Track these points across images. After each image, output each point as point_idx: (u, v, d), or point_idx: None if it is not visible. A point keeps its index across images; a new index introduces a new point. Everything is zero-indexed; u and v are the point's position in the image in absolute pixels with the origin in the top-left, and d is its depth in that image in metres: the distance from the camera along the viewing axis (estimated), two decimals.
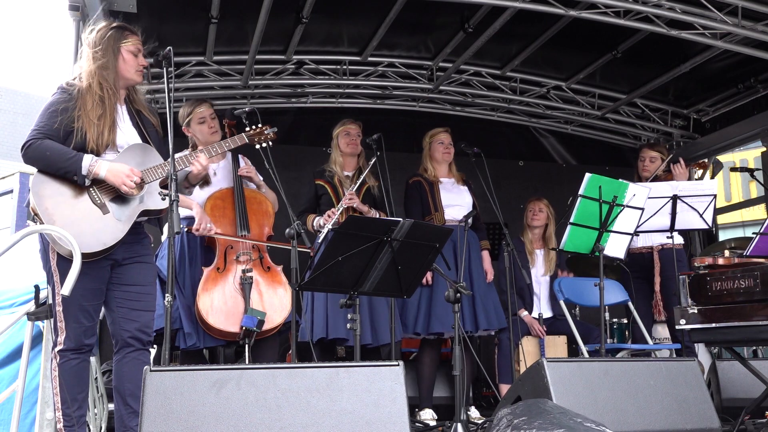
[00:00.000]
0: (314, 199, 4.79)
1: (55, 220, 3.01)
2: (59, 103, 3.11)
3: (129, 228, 3.16)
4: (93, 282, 3.09)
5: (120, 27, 3.28)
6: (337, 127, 4.86)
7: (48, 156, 3.04)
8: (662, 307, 5.12)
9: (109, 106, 3.15)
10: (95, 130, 3.10)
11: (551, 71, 6.76)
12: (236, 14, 5.44)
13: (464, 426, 3.40)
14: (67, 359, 3.10)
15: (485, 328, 4.81)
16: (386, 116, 6.90)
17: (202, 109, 4.25)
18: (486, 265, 4.96)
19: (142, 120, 3.33)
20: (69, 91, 3.14)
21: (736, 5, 5.10)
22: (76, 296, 2.95)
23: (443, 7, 5.43)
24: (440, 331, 4.70)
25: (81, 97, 3.12)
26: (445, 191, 4.95)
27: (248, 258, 4.09)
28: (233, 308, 3.95)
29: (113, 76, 3.19)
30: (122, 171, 3.09)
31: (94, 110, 3.11)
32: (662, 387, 3.32)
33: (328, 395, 2.65)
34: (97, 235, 3.03)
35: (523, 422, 2.65)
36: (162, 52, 3.24)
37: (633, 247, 5.28)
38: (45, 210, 3.03)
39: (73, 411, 3.09)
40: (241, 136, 3.73)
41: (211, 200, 4.16)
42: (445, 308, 4.68)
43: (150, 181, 3.20)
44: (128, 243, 3.20)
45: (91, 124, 3.10)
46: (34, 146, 3.05)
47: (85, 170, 3.04)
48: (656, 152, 5.45)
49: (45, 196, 3.05)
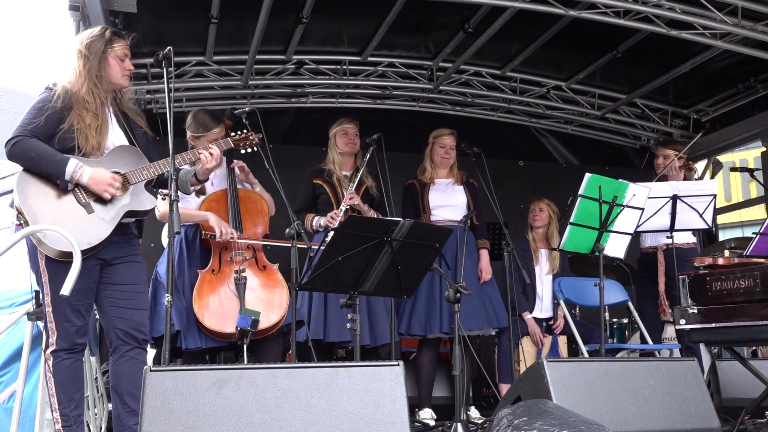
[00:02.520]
0: (311, 198, 4.78)
1: (39, 219, 3.01)
2: (46, 101, 3.12)
3: (114, 228, 3.15)
4: (82, 281, 3.04)
5: (109, 32, 3.28)
6: (334, 127, 4.84)
7: (32, 157, 3.05)
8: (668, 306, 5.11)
9: (99, 110, 3.18)
10: (84, 133, 3.12)
11: (551, 71, 6.76)
12: (236, 14, 5.44)
13: (464, 426, 3.40)
14: (61, 359, 3.10)
15: (468, 329, 4.73)
16: (386, 116, 6.91)
17: (217, 131, 4.18)
18: (482, 264, 4.93)
19: (128, 122, 3.34)
20: (56, 91, 3.15)
21: (736, 5, 5.10)
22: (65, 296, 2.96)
23: (443, 7, 5.43)
24: (421, 334, 4.70)
25: (70, 100, 3.13)
26: (436, 192, 4.94)
27: (242, 258, 4.08)
28: (228, 309, 3.94)
29: (102, 81, 3.21)
30: (104, 179, 3.09)
31: (84, 113, 3.13)
32: (662, 387, 3.32)
33: (328, 395, 2.65)
34: (81, 234, 3.00)
35: (524, 422, 2.65)
36: (162, 52, 3.25)
37: (642, 246, 5.29)
38: (29, 208, 3.03)
39: (71, 411, 3.09)
40: (226, 141, 3.75)
41: (205, 203, 4.16)
42: (425, 310, 4.68)
43: (135, 182, 3.21)
44: (117, 243, 3.21)
45: (80, 127, 3.11)
46: (19, 144, 3.05)
47: (68, 176, 3.05)
48: (670, 150, 5.35)
49: (29, 194, 3.05)
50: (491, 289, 4.93)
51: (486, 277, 4.90)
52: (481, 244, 4.98)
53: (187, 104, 6.30)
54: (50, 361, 3.10)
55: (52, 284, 3.08)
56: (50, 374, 3.10)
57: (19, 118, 3.17)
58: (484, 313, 4.79)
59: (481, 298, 4.82)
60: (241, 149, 3.80)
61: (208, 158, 3.42)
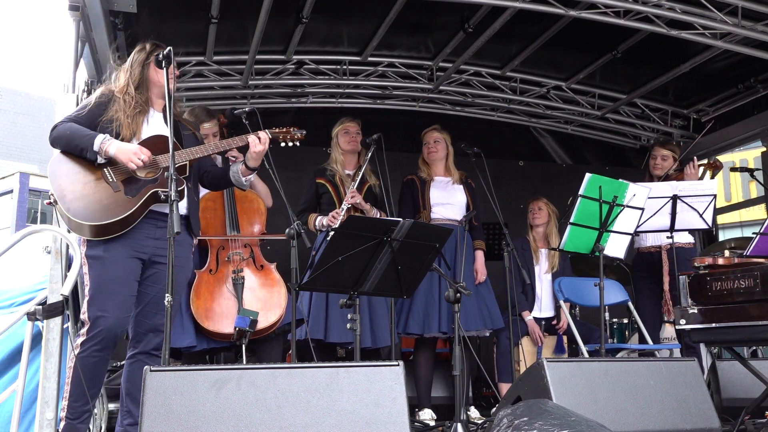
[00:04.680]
0: (314, 197, 4.79)
1: (65, 195, 3.15)
2: (90, 100, 3.35)
3: (140, 207, 3.20)
4: (119, 271, 3.15)
5: (150, 43, 3.48)
6: (337, 126, 4.87)
7: (68, 135, 3.22)
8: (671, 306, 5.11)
9: (139, 105, 3.35)
10: (122, 122, 3.29)
11: (551, 71, 6.76)
12: (236, 14, 5.44)
13: (464, 426, 3.40)
14: (89, 354, 3.12)
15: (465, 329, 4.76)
16: (386, 116, 6.90)
17: (208, 125, 4.22)
18: (477, 265, 4.93)
19: (177, 125, 3.45)
20: (100, 90, 3.39)
21: (736, 5, 5.10)
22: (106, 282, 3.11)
23: (443, 7, 5.43)
24: (418, 332, 4.70)
25: (112, 96, 3.35)
26: (436, 189, 4.94)
27: (239, 258, 4.08)
28: (227, 309, 3.94)
29: (145, 84, 3.41)
30: (129, 149, 3.21)
31: (124, 105, 3.31)
32: (662, 387, 3.32)
33: (328, 395, 2.65)
34: (105, 210, 3.14)
35: (524, 423, 2.64)
36: (162, 52, 3.26)
37: (642, 246, 5.29)
38: (58, 186, 3.17)
39: (80, 405, 3.11)
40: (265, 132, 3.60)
41: (202, 202, 4.15)
42: (423, 309, 4.68)
43: (165, 165, 3.27)
44: (161, 239, 3.21)
45: (119, 116, 3.29)
46: (58, 127, 3.26)
47: (96, 147, 3.18)
48: (668, 150, 5.40)
49: (61, 175, 3.21)
50: (486, 290, 4.93)
51: (481, 278, 4.90)
52: (478, 245, 4.98)
53: (187, 104, 6.28)
54: (77, 351, 3.13)
55: (91, 273, 3.17)
56: (71, 363, 3.14)
57: (18, 118, 3.25)
58: (479, 314, 4.79)
59: (476, 298, 4.82)
60: (281, 142, 3.71)
61: (255, 141, 3.49)
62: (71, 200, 3.14)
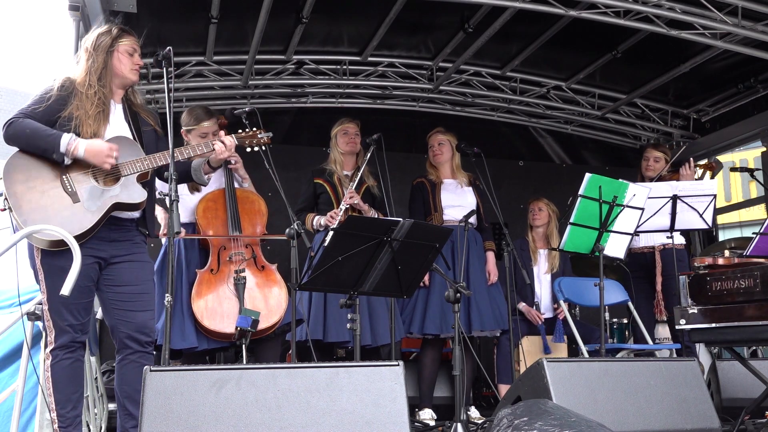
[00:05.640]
0: (312, 197, 4.79)
1: (22, 206, 2.99)
2: (48, 90, 3.15)
3: (111, 224, 3.13)
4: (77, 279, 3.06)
5: (116, 28, 3.31)
6: (336, 127, 4.87)
7: (27, 134, 3.03)
8: (663, 306, 5.12)
9: (101, 101, 3.17)
10: (82, 120, 3.11)
11: (551, 71, 6.76)
12: (236, 14, 5.44)
13: (464, 426, 3.40)
14: (59, 359, 3.08)
15: (480, 329, 4.80)
16: (386, 116, 6.91)
17: (207, 124, 4.20)
18: (489, 266, 4.97)
19: (137, 120, 3.33)
20: (59, 81, 3.17)
21: (736, 5, 5.10)
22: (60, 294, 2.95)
23: (443, 7, 5.43)
24: (435, 333, 4.71)
25: (72, 89, 3.15)
26: (447, 192, 4.97)
27: (241, 258, 4.08)
28: (228, 309, 3.93)
29: (108, 75, 3.22)
30: (101, 149, 3.07)
31: (85, 101, 3.13)
32: (662, 387, 3.31)
33: (328, 395, 2.65)
34: (63, 223, 2.94)
35: (524, 423, 2.64)
36: (162, 52, 3.25)
37: (634, 246, 5.29)
38: (14, 194, 3.01)
39: (68, 411, 3.08)
40: (232, 137, 3.59)
41: (203, 202, 4.16)
42: (440, 309, 4.69)
43: (127, 174, 3.17)
44: (117, 241, 3.18)
45: (79, 114, 3.11)
46: (14, 124, 3.05)
47: (63, 148, 3.03)
48: (660, 152, 5.47)
49: (17, 180, 3.03)
50: (497, 290, 4.97)
51: (493, 279, 4.95)
52: (488, 246, 5.03)
53: (187, 104, 6.28)
54: (49, 360, 3.08)
55: (48, 281, 3.07)
56: (48, 374, 3.08)
57: None
58: (493, 315, 4.83)
59: (489, 299, 4.84)
60: (247, 148, 3.66)
61: (221, 149, 3.42)
62: (28, 211, 2.98)
